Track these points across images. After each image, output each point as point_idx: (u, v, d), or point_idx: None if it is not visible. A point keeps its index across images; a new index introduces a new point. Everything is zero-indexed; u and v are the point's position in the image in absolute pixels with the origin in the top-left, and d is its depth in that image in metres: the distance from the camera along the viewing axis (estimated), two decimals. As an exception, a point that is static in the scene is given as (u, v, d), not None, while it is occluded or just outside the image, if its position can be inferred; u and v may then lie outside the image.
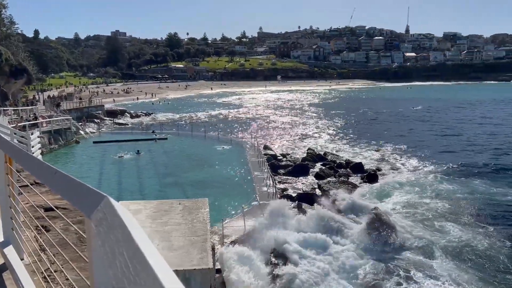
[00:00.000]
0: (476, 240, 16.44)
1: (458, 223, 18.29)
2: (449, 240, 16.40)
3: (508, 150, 35.02)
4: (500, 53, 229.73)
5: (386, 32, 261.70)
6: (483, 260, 14.76)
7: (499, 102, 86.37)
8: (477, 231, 17.37)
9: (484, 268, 14.23)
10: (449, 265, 14.32)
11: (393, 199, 21.67)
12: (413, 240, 16.14)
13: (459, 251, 15.43)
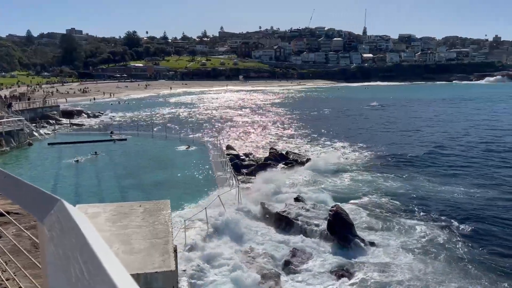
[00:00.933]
0: (426, 232, 17.15)
1: (408, 217, 19.02)
2: (405, 235, 17.00)
3: (448, 145, 36.92)
4: (451, 55, 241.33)
5: (345, 34, 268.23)
6: (442, 253, 15.35)
7: (447, 101, 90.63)
8: (425, 224, 18.11)
9: (444, 261, 14.78)
10: (407, 259, 14.84)
11: (349, 196, 22.19)
12: (373, 236, 16.62)
13: (416, 245, 16.02)
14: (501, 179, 26.04)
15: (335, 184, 24.70)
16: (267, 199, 20.38)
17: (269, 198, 20.95)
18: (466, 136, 42.59)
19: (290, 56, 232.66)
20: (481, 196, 22.35)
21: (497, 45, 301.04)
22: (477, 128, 48.60)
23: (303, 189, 22.96)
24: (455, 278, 13.56)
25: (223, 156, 28.02)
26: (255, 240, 15.90)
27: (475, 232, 17.48)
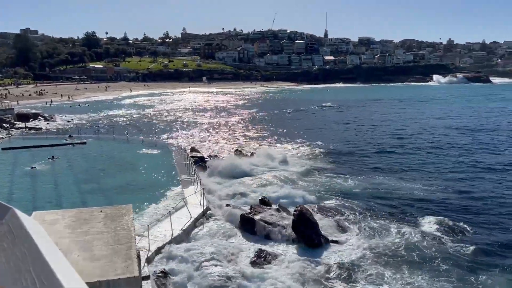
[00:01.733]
0: (388, 232, 17.69)
1: (372, 216, 19.53)
2: (369, 234, 17.43)
3: (401, 143, 38.44)
4: (408, 57, 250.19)
5: (307, 36, 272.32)
6: (406, 250, 15.76)
7: (402, 102, 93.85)
8: (389, 222, 18.67)
9: (408, 259, 15.19)
10: (373, 258, 15.21)
11: (313, 196, 22.53)
12: (338, 236, 16.92)
13: (381, 243, 16.43)
14: (455, 174, 27.26)
15: (299, 184, 24.98)
16: (232, 201, 20.35)
17: (234, 200, 20.93)
18: (419, 135, 44.37)
19: (254, 58, 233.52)
20: (439, 192, 23.26)
21: (451, 48, 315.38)
22: (428, 126, 50.67)
23: (269, 191, 23.10)
24: (421, 276, 13.94)
25: (187, 159, 27.72)
26: (220, 243, 15.82)
27: (438, 227, 18.10)
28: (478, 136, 43.43)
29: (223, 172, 26.74)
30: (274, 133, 46.00)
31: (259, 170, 27.86)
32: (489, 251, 15.99)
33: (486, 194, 23.24)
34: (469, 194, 23.39)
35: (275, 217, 17.19)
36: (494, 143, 39.43)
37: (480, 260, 15.21)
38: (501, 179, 26.45)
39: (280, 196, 21.92)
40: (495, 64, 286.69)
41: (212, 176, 26.15)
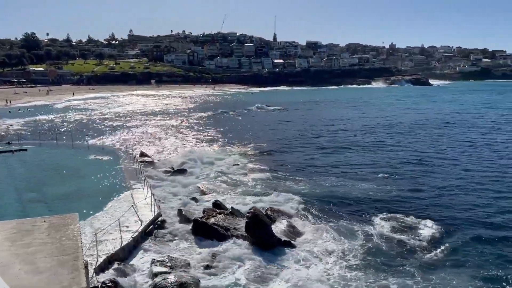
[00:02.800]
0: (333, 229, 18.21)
1: (326, 217, 20.03)
2: (324, 235, 17.81)
3: (344, 143, 39.88)
4: (354, 61, 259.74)
5: (256, 39, 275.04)
6: (362, 250, 16.13)
7: (347, 103, 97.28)
8: (342, 221, 19.21)
9: (364, 259, 15.50)
10: (327, 260, 15.55)
11: (266, 198, 22.70)
12: (292, 238, 17.14)
13: (336, 245, 16.82)
14: (402, 170, 28.51)
15: (251, 186, 25.07)
16: (184, 206, 20.06)
17: (186, 204, 20.64)
18: (364, 135, 46.14)
19: (204, 61, 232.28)
20: (387, 189, 24.14)
21: (393, 52, 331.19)
22: (373, 126, 52.85)
23: (222, 194, 23.01)
24: (374, 275, 14.28)
25: (136, 164, 26.99)
26: (172, 249, 15.54)
27: (391, 224, 18.74)
28: (422, 134, 45.84)
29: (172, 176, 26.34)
30: (224, 135, 45.92)
31: (211, 173, 27.68)
32: (445, 244, 16.69)
33: (436, 189, 24.41)
34: (418, 190, 24.49)
35: (229, 221, 17.14)
36: (440, 140, 41.78)
37: (438, 254, 15.86)
38: (448, 172, 28.07)
39: (233, 199, 21.93)
40: (434, 67, 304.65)
41: (162, 181, 25.64)
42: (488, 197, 22.89)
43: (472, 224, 19.00)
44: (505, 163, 31.31)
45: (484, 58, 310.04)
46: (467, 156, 33.87)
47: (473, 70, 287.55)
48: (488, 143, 40.04)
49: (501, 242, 16.94)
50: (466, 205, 21.55)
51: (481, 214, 20.31)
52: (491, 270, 14.62)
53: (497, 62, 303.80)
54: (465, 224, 18.99)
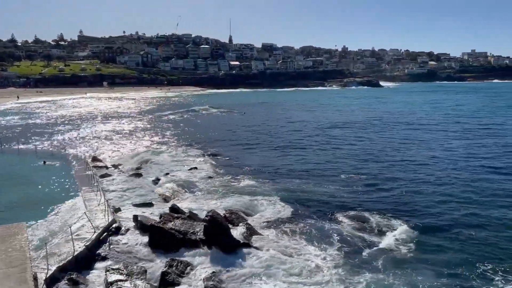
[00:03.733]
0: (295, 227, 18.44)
1: (285, 218, 20.20)
2: (285, 236, 17.94)
3: (296, 145, 40.65)
4: (308, 63, 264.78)
5: (212, 41, 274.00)
6: (324, 252, 16.32)
7: (303, 104, 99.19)
8: (303, 223, 19.47)
9: (326, 261, 15.68)
10: (287, 261, 15.64)
11: (225, 201, 22.61)
12: (253, 240, 17.13)
13: (296, 246, 16.98)
14: (356, 169, 29.34)
15: (209, 190, 24.86)
16: (140, 211, 19.55)
17: (142, 209, 20.13)
18: (318, 136, 47.11)
19: (158, 62, 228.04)
20: (350, 189, 24.73)
21: (345, 54, 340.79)
22: (326, 127, 54.15)
23: (179, 198, 22.65)
24: (336, 275, 14.45)
25: (88, 169, 26.04)
26: (128, 257, 15.09)
27: (353, 223, 19.22)
28: (376, 134, 47.39)
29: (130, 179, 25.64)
30: (180, 138, 45.30)
31: (167, 177, 27.20)
32: (406, 240, 17.34)
33: (396, 187, 25.33)
34: (377, 187, 25.34)
35: (187, 225, 16.88)
36: (394, 139, 43.34)
37: (401, 250, 16.43)
38: (406, 169, 29.19)
39: (190, 203, 21.66)
40: (384, 69, 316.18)
41: (116, 186, 24.88)
42: (445, 194, 24.05)
43: (431, 220, 19.89)
44: (456, 159, 33.00)
45: (430, 61, 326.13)
46: (420, 153, 35.40)
47: (421, 72, 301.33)
48: (437, 140, 42.08)
49: (460, 236, 17.93)
50: (425, 202, 22.46)
51: (439, 209, 21.27)
52: (453, 264, 15.37)
53: (442, 65, 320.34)
54: (425, 219, 19.84)
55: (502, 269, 14.81)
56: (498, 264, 15.18)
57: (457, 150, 37.14)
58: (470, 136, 45.00)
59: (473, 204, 21.88)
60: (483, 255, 16.01)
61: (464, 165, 30.98)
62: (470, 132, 48.41)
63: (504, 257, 15.77)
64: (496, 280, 14.19)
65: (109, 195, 21.24)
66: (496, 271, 14.72)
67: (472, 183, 25.75)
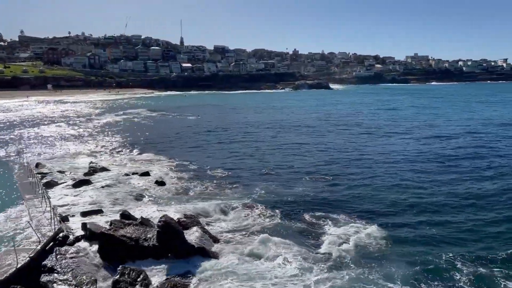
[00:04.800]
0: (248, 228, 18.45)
1: (237, 222, 20.13)
2: (240, 241, 17.84)
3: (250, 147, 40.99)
4: (260, 66, 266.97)
5: (162, 43, 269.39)
6: (284, 257, 16.22)
7: (257, 107, 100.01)
8: (257, 226, 19.49)
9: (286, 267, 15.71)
10: (242, 265, 15.55)
11: (179, 206, 22.22)
12: (209, 245, 16.91)
13: (252, 250, 16.93)
14: (321, 170, 29.87)
15: (161, 195, 24.34)
16: (89, 219, 18.76)
17: (91, 217, 19.33)
18: (273, 138, 47.60)
19: (106, 64, 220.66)
20: (310, 190, 25.02)
21: (296, 57, 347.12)
22: (283, 129, 54.85)
23: (129, 204, 21.98)
24: (298, 278, 14.49)
25: (32, 176, 24.64)
26: (76, 267, 14.39)
27: (314, 222, 19.47)
28: (331, 134, 48.49)
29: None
30: (130, 142, 44.02)
31: (117, 183, 26.32)
32: (372, 236, 17.80)
33: (353, 183, 26.08)
34: (337, 186, 25.87)
35: (139, 231, 16.37)
36: (351, 138, 44.51)
37: (371, 246, 16.80)
38: (370, 168, 29.95)
39: (142, 208, 21.07)
40: (333, 72, 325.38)
41: (62, 192, 23.73)
42: (403, 187, 25.24)
43: (392, 214, 20.73)
44: (408, 155, 34.47)
45: (377, 64, 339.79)
46: (375, 151, 36.64)
47: (368, 75, 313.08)
48: (387, 138, 43.79)
49: (423, 227, 18.92)
50: (385, 197, 23.28)
51: (400, 203, 22.23)
52: (421, 253, 16.21)
53: (387, 68, 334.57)
54: (388, 214, 20.62)
55: (462, 254, 16.11)
56: (460, 249, 16.51)
57: (408, 147, 38.84)
58: (415, 135, 47.21)
59: (430, 196, 23.24)
60: (445, 241, 17.31)
61: (414, 159, 32.48)
62: (416, 129, 50.82)
63: (463, 242, 17.20)
64: (458, 264, 15.39)
65: (55, 203, 20.20)
66: (458, 256, 15.94)
67: (425, 177, 27.07)
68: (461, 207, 21.29)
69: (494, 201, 22.26)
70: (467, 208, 21.16)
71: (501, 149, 37.25)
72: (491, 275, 14.44)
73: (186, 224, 18.07)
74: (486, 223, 19.10)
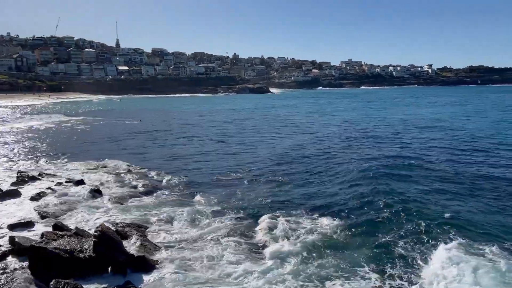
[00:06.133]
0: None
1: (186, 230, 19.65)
2: (186, 250, 17.35)
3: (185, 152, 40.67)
4: (201, 69, 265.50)
5: (97, 45, 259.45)
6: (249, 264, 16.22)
7: (197, 112, 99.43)
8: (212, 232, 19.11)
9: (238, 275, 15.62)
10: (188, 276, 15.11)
11: (119, 214, 21.28)
12: (154, 255, 16.28)
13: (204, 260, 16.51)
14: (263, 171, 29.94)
15: (98, 203, 23.15)
16: (18, 232, 17.35)
17: (21, 230, 17.89)
18: (213, 142, 47.40)
19: (35, 67, 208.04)
20: (253, 191, 24.96)
21: (236, 61, 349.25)
22: (223, 134, 54.79)
23: (63, 214, 20.65)
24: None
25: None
26: (7, 283, 13.19)
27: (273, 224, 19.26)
28: (271, 136, 49.05)
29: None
30: (62, 148, 41.59)
31: (49, 192, 24.67)
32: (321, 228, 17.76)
33: (300, 182, 26.20)
34: (288, 184, 25.93)
35: (73, 243, 15.37)
36: (291, 139, 45.19)
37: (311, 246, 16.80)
38: (309, 166, 30.41)
39: (76, 218, 19.89)
40: (273, 76, 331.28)
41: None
42: (350, 180, 26.08)
43: (346, 207, 21.17)
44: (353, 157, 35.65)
45: (314, 69, 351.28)
46: (314, 148, 37.53)
47: (306, 79, 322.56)
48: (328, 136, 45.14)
49: (377, 216, 19.65)
50: (335, 195, 23.48)
51: (351, 197, 22.68)
52: (381, 243, 16.86)
53: (324, 72, 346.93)
54: (342, 207, 21.06)
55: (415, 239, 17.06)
56: (415, 237, 17.28)
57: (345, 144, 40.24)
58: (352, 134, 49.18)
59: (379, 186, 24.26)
60: (400, 227, 18.28)
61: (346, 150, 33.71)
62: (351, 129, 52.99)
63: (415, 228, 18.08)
64: (416, 248, 16.30)
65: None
66: (415, 241, 16.84)
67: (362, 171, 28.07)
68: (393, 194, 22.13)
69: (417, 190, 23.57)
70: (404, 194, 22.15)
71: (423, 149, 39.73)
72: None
73: (125, 233, 17.27)
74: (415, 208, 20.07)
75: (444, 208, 20.61)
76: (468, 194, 23.27)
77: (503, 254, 15.24)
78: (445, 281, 13.44)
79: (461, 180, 26.03)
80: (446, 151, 36.95)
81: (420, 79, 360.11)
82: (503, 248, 15.83)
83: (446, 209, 20.39)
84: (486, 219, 19.18)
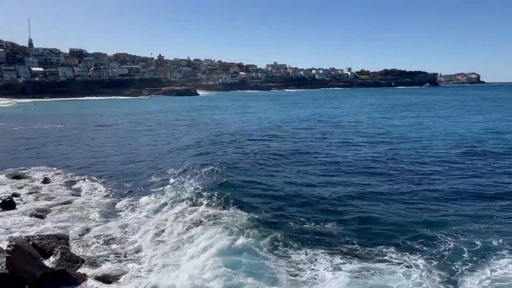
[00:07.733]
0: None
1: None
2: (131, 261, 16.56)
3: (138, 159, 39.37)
4: (124, 71, 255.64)
5: (7, 44, 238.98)
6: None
7: (127, 115, 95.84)
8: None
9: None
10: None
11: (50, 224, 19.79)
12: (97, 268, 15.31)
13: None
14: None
15: (14, 214, 21.33)
16: None
17: None
18: (144, 147, 46.00)
19: None
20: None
21: (162, 63, 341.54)
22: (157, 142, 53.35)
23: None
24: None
25: None
26: None
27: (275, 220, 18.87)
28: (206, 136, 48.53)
29: None
30: None
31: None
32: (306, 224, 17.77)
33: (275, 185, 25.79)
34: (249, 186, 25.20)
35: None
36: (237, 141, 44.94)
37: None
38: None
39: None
40: (200, 78, 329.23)
41: None
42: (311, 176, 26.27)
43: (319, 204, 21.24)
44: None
45: (241, 71, 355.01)
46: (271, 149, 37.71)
47: (233, 82, 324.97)
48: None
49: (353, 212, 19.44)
50: (309, 194, 23.13)
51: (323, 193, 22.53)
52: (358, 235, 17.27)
53: (250, 75, 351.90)
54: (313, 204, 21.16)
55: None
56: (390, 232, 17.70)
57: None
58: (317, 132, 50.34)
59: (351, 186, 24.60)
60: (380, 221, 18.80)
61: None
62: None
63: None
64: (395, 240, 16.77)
65: None
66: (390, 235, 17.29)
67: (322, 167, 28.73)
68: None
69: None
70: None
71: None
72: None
73: (43, 246, 16.08)
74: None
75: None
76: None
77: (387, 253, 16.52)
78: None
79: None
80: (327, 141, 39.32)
81: (341, 81, 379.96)
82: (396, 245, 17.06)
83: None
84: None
